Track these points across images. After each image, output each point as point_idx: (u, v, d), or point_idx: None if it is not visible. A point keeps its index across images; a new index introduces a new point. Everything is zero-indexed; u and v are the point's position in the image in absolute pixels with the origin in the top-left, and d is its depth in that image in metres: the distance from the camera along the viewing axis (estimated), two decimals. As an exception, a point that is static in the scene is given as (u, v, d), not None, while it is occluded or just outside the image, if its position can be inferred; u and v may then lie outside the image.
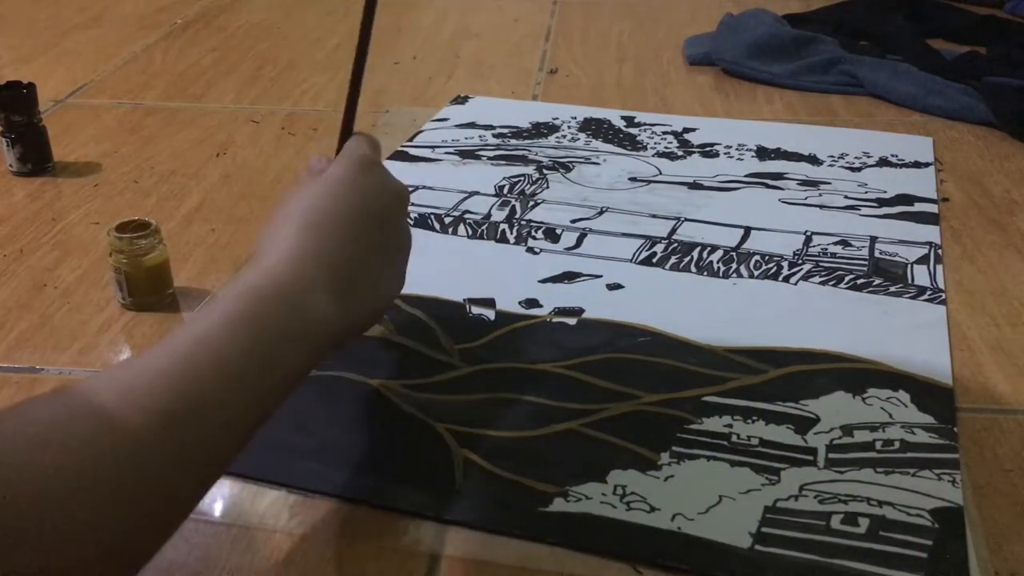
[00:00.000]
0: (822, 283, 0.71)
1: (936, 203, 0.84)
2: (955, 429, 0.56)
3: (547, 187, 0.87)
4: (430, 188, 0.86)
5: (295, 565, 0.48)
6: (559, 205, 0.83)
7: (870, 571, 0.47)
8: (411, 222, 0.66)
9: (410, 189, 0.86)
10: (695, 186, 0.87)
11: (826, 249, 0.76)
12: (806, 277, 0.72)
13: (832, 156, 0.93)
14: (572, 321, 0.67)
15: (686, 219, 0.81)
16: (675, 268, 0.74)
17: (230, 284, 0.48)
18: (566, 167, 0.91)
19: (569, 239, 0.78)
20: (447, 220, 0.80)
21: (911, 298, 0.70)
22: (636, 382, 0.60)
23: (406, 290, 0.70)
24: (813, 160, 0.92)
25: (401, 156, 0.93)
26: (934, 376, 0.61)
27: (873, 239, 0.77)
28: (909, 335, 0.65)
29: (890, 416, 0.57)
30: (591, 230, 0.79)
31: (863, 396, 0.59)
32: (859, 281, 0.72)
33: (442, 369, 0.62)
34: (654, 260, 0.75)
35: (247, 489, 0.53)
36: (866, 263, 0.74)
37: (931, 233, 0.79)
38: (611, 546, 0.49)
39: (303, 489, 0.52)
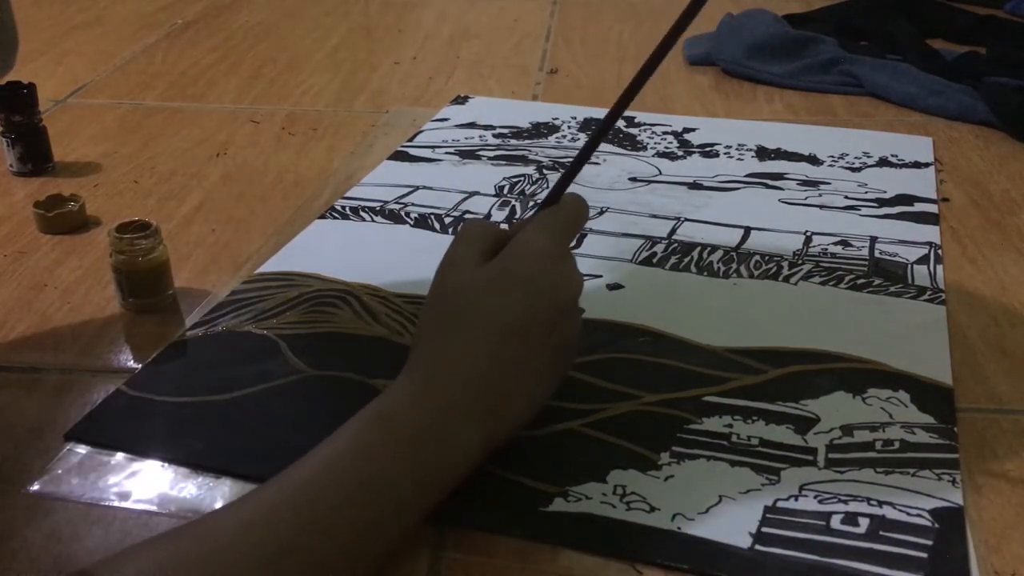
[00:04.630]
0: (822, 283, 0.71)
1: (936, 203, 0.84)
2: (955, 429, 0.56)
3: (547, 187, 0.87)
4: (430, 188, 0.86)
5: (295, 565, 0.48)
6: (559, 205, 0.83)
7: (870, 571, 0.47)
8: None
9: (410, 189, 0.86)
10: (695, 186, 0.87)
11: (826, 249, 0.76)
12: (806, 277, 0.72)
13: (832, 156, 0.93)
14: (572, 321, 0.67)
15: (686, 219, 0.81)
16: (675, 268, 0.74)
17: (372, 404, 0.47)
18: (566, 167, 0.91)
19: (569, 239, 0.78)
20: (447, 220, 0.80)
21: (911, 298, 0.70)
22: (636, 382, 0.60)
23: (407, 290, 0.70)
24: (813, 160, 0.92)
25: (401, 156, 0.93)
26: (934, 376, 0.61)
27: (873, 239, 0.77)
28: (909, 335, 0.65)
29: (890, 416, 0.57)
30: (591, 230, 0.79)
31: (863, 396, 0.59)
32: (859, 281, 0.72)
33: (442, 369, 0.62)
34: (654, 260, 0.75)
35: (247, 489, 0.53)
36: (866, 263, 0.74)
37: (931, 233, 0.79)
38: (611, 546, 0.48)
39: (303, 489, 0.52)
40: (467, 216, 0.81)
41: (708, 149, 0.95)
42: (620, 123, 1.01)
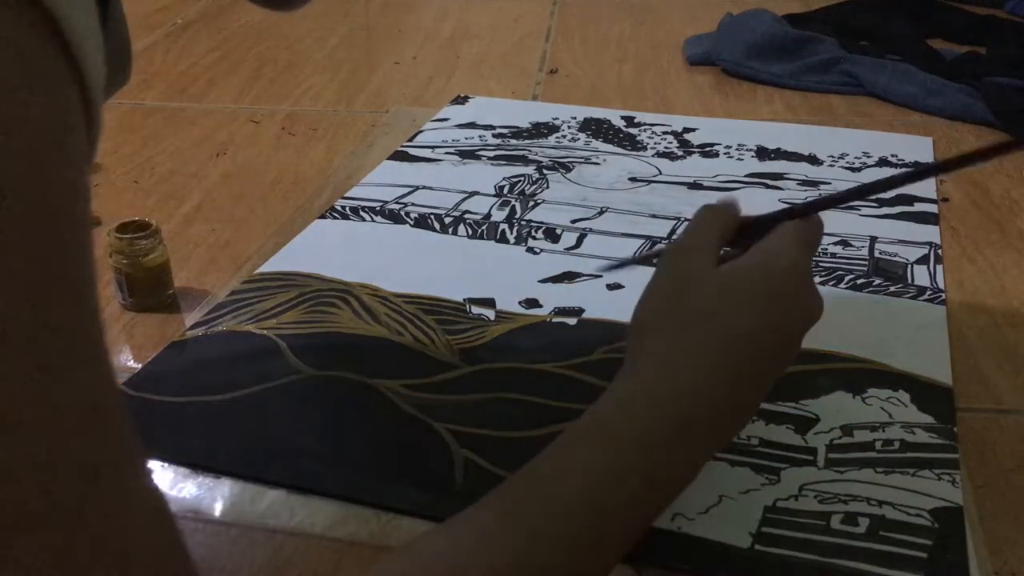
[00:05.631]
0: (822, 283, 0.71)
1: (936, 203, 0.84)
2: (955, 429, 0.56)
3: (547, 187, 0.87)
4: (430, 188, 0.86)
5: (295, 565, 0.48)
6: (559, 205, 0.83)
7: (870, 571, 0.47)
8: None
9: (410, 189, 0.86)
10: (695, 186, 0.87)
11: (826, 249, 0.76)
12: (806, 277, 0.72)
13: (832, 156, 0.93)
14: (572, 321, 0.67)
15: (686, 219, 0.81)
16: (675, 268, 0.74)
17: (591, 409, 0.44)
18: (566, 167, 0.91)
19: (569, 239, 0.78)
20: (447, 220, 0.80)
21: (911, 298, 0.70)
22: (636, 382, 0.60)
23: (407, 290, 0.70)
24: (813, 160, 0.92)
25: (401, 156, 0.93)
26: (934, 376, 0.61)
27: (873, 239, 0.77)
28: (909, 335, 0.65)
29: (890, 416, 0.57)
30: (591, 230, 0.79)
31: (863, 396, 0.59)
32: (859, 281, 0.72)
33: (442, 369, 0.62)
34: (654, 260, 0.75)
35: (247, 489, 0.53)
36: (866, 263, 0.74)
37: (931, 233, 0.79)
38: (611, 546, 0.48)
39: (303, 489, 0.52)
40: (467, 216, 0.81)
41: (708, 149, 0.95)
42: (620, 123, 1.01)
